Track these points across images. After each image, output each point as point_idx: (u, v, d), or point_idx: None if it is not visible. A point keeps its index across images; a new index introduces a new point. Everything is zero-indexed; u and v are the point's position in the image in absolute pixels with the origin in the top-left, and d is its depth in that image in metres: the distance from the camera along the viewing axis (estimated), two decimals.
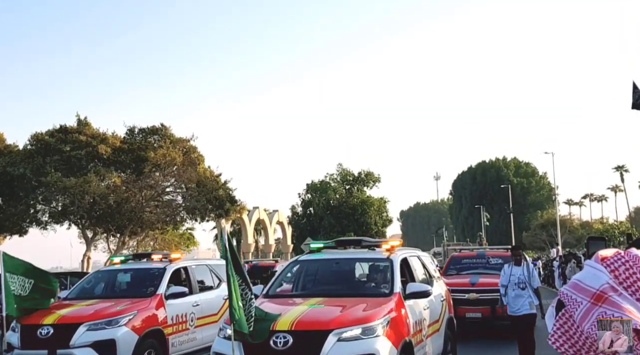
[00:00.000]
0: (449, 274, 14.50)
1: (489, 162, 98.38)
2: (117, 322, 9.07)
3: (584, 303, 2.64)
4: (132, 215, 27.56)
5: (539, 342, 12.77)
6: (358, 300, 7.09)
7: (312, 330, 6.41)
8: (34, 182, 26.26)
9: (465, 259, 15.32)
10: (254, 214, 46.40)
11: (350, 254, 8.52)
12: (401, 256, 8.12)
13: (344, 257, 8.47)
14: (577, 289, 2.75)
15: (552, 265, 33.33)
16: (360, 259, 8.55)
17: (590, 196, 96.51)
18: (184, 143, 29.98)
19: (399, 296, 7.23)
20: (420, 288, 7.54)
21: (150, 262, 11.50)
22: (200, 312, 10.86)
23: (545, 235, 66.21)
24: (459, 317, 12.25)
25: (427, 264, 9.35)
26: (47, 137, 27.84)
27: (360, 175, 60.34)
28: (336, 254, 8.53)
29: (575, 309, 2.68)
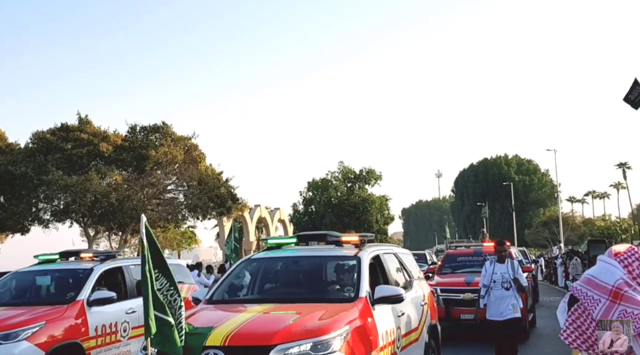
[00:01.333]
0: (444, 272, 13.72)
1: (490, 160, 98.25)
2: (16, 335, 7.35)
3: (602, 301, 2.60)
4: (134, 213, 27.55)
5: (539, 342, 12.78)
6: (315, 307, 5.88)
7: (250, 345, 5.19)
8: (35, 181, 26.27)
9: (460, 256, 14.32)
10: (255, 211, 46.36)
11: (312, 252, 7.27)
12: (371, 253, 6.93)
13: (303, 255, 7.24)
14: (592, 285, 2.70)
15: (554, 263, 33.29)
16: (323, 257, 7.17)
17: (592, 193, 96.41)
18: (185, 141, 29.98)
19: (366, 301, 6.06)
20: (392, 291, 6.28)
21: (79, 262, 9.68)
22: (138, 320, 8.71)
23: (548, 232, 66.14)
24: (454, 318, 11.68)
25: (406, 262, 8.22)
26: (48, 135, 27.85)
27: (361, 173, 60.34)
28: (297, 251, 7.30)
29: (594, 306, 2.64)
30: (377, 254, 7.12)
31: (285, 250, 7.36)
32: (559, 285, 29.03)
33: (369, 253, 6.86)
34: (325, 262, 7.19)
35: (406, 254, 8.69)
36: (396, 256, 7.93)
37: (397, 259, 7.88)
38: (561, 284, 28.04)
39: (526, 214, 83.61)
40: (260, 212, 47.80)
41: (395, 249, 8.48)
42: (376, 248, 7.35)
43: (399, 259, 7.96)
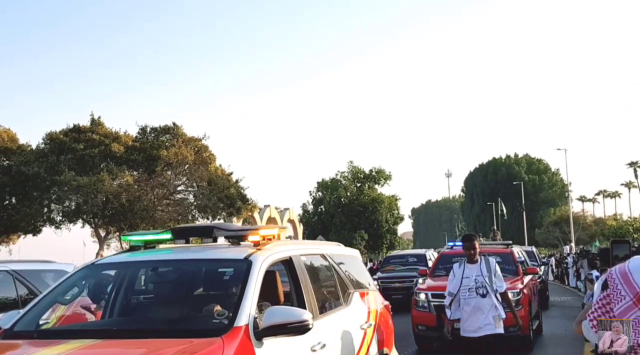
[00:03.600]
0: (437, 275, 12.33)
1: (500, 159, 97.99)
2: None
3: (627, 299, 2.56)
4: (145, 213, 27.71)
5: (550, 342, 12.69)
6: (158, 346, 3.73)
7: None
8: (47, 182, 26.46)
9: (456, 257, 12.43)
10: (265, 212, 46.50)
11: (185, 254, 4.99)
12: (274, 256, 4.66)
13: (168, 259, 5.04)
14: (625, 279, 2.65)
15: (565, 263, 33.15)
16: (197, 262, 4.91)
17: (603, 192, 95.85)
18: (195, 142, 30.13)
19: (245, 335, 3.83)
20: (289, 316, 3.96)
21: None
22: None
23: (559, 232, 65.83)
24: None
25: (345, 268, 6.07)
26: (61, 136, 28.07)
27: (371, 173, 60.36)
28: (165, 253, 5.11)
29: (618, 301, 2.61)
30: (288, 257, 4.86)
31: (155, 251, 5.09)
32: (570, 286, 28.90)
33: (268, 256, 4.55)
34: (199, 269, 4.98)
35: (348, 256, 6.56)
36: (326, 259, 5.72)
37: (329, 264, 5.71)
38: (572, 284, 27.90)
39: (536, 213, 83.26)
40: (270, 213, 47.93)
41: (327, 248, 6.12)
42: (287, 248, 5.07)
43: (332, 263, 5.73)
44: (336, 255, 6.11)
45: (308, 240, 7.39)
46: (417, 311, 11.16)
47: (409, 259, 22.04)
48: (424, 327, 11.05)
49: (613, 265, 6.36)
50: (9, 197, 28.06)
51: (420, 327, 11.10)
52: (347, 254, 6.66)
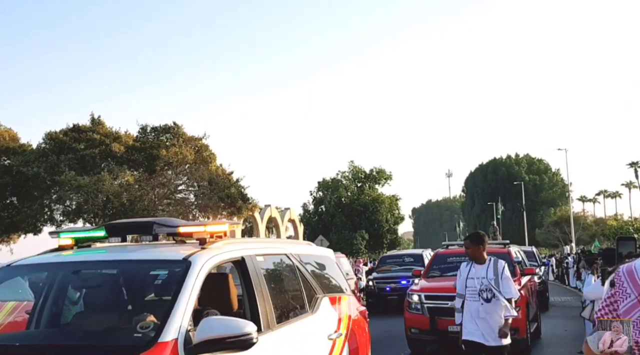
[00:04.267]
0: (431, 275, 11.95)
1: (500, 159, 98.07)
2: None
3: (632, 297, 2.56)
4: (145, 213, 27.70)
5: (551, 342, 12.69)
6: None
7: None
8: (48, 182, 26.48)
9: (451, 256, 12.23)
10: (265, 211, 46.47)
11: (117, 254, 4.29)
12: (221, 256, 4.02)
13: (95, 260, 4.31)
14: (632, 277, 2.66)
15: (566, 263, 33.15)
16: (128, 263, 4.15)
17: (604, 193, 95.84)
18: (195, 141, 30.14)
19: (172, 351, 3.26)
20: (226, 329, 3.34)
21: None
22: None
23: (559, 232, 65.85)
24: (440, 330, 10.08)
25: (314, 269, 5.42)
26: (61, 135, 28.09)
27: (371, 173, 60.38)
28: (97, 253, 4.39)
29: (623, 299, 2.61)
30: (239, 257, 4.19)
31: (85, 251, 4.40)
32: (570, 286, 28.90)
33: (213, 256, 3.91)
34: (130, 272, 4.23)
35: (319, 257, 5.94)
36: (290, 260, 5.04)
37: (293, 265, 5.02)
38: (573, 284, 27.91)
39: (537, 213, 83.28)
40: (270, 212, 47.91)
41: (292, 248, 5.41)
42: (239, 247, 4.41)
43: (296, 265, 5.05)
44: (304, 255, 5.42)
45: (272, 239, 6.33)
46: (410, 313, 10.74)
47: (405, 259, 21.68)
48: (417, 330, 10.62)
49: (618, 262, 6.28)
50: (10, 196, 28.09)
51: (413, 330, 10.69)
52: (318, 254, 6.00)
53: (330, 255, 6.37)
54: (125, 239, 4.48)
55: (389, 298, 18.57)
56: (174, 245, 4.43)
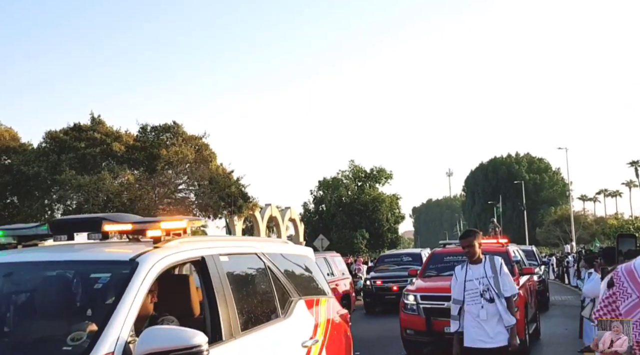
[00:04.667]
0: (428, 275, 11.64)
1: (501, 158, 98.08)
2: None
3: (633, 296, 2.55)
4: (146, 213, 27.71)
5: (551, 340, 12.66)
6: None
7: None
8: (48, 181, 26.47)
9: (448, 256, 11.92)
10: (266, 211, 46.46)
11: (59, 254, 3.83)
12: (176, 256, 3.62)
13: (29, 260, 3.84)
14: (631, 277, 2.65)
15: (566, 262, 33.15)
16: (67, 264, 3.72)
17: (604, 192, 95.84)
18: (196, 140, 30.11)
19: None
20: (170, 340, 3.01)
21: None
22: None
23: (559, 231, 65.86)
24: (436, 332, 9.89)
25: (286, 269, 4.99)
26: (61, 135, 28.07)
27: (372, 172, 60.37)
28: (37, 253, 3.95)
29: (624, 299, 2.60)
30: (199, 257, 3.81)
31: (27, 251, 4.03)
32: (571, 285, 28.91)
33: (166, 256, 3.52)
34: (68, 275, 3.76)
35: (296, 256, 5.52)
36: (261, 260, 4.64)
37: (264, 266, 4.64)
38: (573, 283, 27.92)
39: (537, 212, 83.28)
40: (271, 212, 47.90)
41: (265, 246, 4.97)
42: (200, 246, 3.98)
43: (268, 265, 4.68)
44: (278, 254, 5.04)
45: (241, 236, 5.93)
46: (406, 314, 10.49)
47: (403, 258, 21.54)
48: (412, 332, 10.38)
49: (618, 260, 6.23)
50: (10, 196, 28.09)
51: (409, 331, 10.43)
52: (295, 254, 5.54)
53: (309, 254, 5.86)
54: (72, 237, 4.02)
55: (386, 297, 18.51)
56: (125, 244, 3.96)
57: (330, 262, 15.61)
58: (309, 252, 5.96)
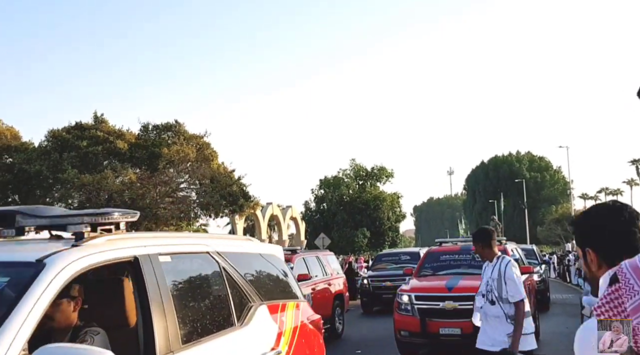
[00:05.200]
0: (423, 274, 11.18)
1: (502, 157, 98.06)
2: None
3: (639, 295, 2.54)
4: (147, 211, 27.73)
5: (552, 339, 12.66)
6: None
7: None
8: (50, 180, 26.48)
9: (444, 254, 11.54)
10: (267, 209, 46.51)
11: None
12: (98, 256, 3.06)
13: None
14: (637, 273, 2.61)
15: (567, 260, 33.16)
16: None
17: (605, 190, 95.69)
18: (197, 139, 30.13)
19: None
20: None
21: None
22: None
23: (561, 229, 65.81)
24: (431, 333, 9.61)
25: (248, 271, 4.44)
26: (64, 133, 28.09)
27: (373, 171, 60.40)
28: None
29: (630, 296, 2.56)
30: (131, 257, 3.27)
31: None
32: (572, 283, 28.92)
33: (83, 256, 2.98)
34: None
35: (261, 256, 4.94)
36: (215, 260, 4.03)
37: (218, 267, 4.03)
38: (574, 281, 27.93)
39: (538, 211, 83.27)
40: (272, 210, 47.94)
41: (220, 244, 4.29)
42: (133, 244, 3.40)
43: (223, 266, 4.06)
44: (237, 254, 4.40)
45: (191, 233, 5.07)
46: (400, 315, 10.07)
47: (401, 257, 21.33)
48: (407, 333, 9.94)
49: None
50: (12, 194, 28.10)
51: (403, 332, 10.00)
52: (259, 252, 4.94)
53: (277, 253, 5.27)
54: None
55: (384, 296, 18.40)
56: (40, 242, 3.38)
57: (323, 261, 15.02)
58: (277, 251, 5.36)
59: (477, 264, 10.12)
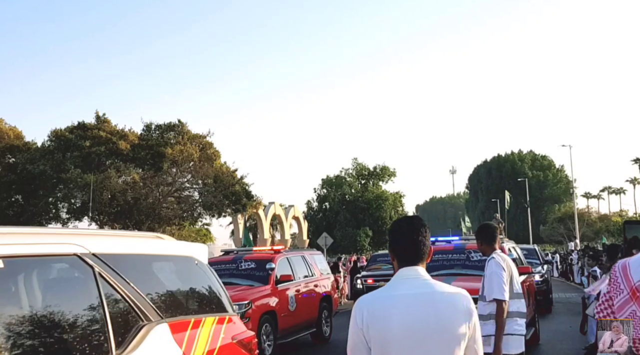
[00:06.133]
0: None
1: (504, 156, 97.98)
2: None
3: (624, 293, 2.57)
4: (150, 211, 27.79)
5: (556, 338, 12.66)
6: None
7: None
8: (53, 180, 26.52)
9: (436, 254, 10.33)
10: (269, 209, 46.52)
11: None
12: None
13: None
14: (624, 273, 2.67)
15: (570, 259, 33.14)
16: None
17: (608, 189, 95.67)
18: (200, 139, 30.18)
19: None
20: None
21: None
22: None
23: (563, 228, 65.74)
24: None
25: (130, 277, 3.29)
26: (66, 133, 28.14)
27: (375, 170, 60.44)
28: None
29: (617, 294, 2.63)
30: None
31: None
32: (575, 282, 28.90)
33: None
34: None
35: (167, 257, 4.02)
36: (88, 263, 3.09)
37: (90, 273, 3.08)
38: (577, 280, 27.92)
39: (541, 209, 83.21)
40: (274, 210, 47.96)
41: (94, 242, 3.22)
42: None
43: (99, 271, 3.10)
44: (127, 257, 3.42)
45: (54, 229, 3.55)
46: None
47: None
48: None
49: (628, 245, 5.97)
50: (15, 194, 28.17)
51: None
52: (164, 254, 3.92)
53: (195, 254, 4.17)
54: None
55: None
56: None
57: (309, 261, 13.77)
58: (197, 252, 4.22)
59: (472, 264, 9.88)
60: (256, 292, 11.00)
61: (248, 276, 11.70)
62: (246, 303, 9.95)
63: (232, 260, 12.34)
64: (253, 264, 12.02)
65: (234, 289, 10.56)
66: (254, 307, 10.34)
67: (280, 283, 11.68)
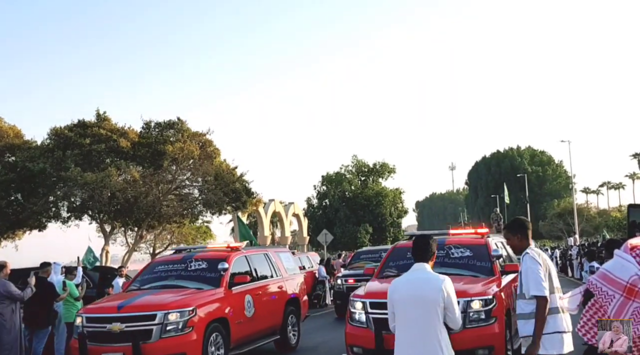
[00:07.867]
0: (386, 274, 9.23)
1: (503, 152, 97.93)
2: None
3: (616, 297, 2.57)
4: (150, 209, 27.79)
5: None
6: None
7: None
8: (53, 178, 26.50)
9: None
10: (270, 206, 46.57)
11: None
12: None
13: None
14: (607, 280, 2.67)
15: (570, 255, 33.21)
16: None
17: (607, 184, 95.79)
18: (200, 137, 30.16)
19: None
20: None
21: None
22: None
23: (563, 224, 65.80)
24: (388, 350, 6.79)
25: None
26: (66, 131, 28.10)
27: (375, 167, 60.42)
28: None
29: (608, 302, 2.61)
30: None
31: None
32: (574, 277, 28.99)
33: None
34: None
35: None
36: None
37: None
38: (577, 275, 28.00)
39: (540, 205, 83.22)
40: (274, 207, 48.00)
41: None
42: None
43: None
44: None
45: None
46: (352, 327, 8.19)
47: (382, 254, 17.75)
48: (360, 349, 8.03)
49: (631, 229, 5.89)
50: (15, 193, 28.13)
51: (356, 349, 8.09)
52: None
53: None
54: None
55: None
56: None
57: (273, 259, 12.27)
58: None
59: (452, 262, 8.85)
60: (204, 296, 9.59)
61: (197, 278, 10.24)
62: (189, 310, 8.95)
63: (181, 259, 10.88)
64: (204, 263, 10.52)
65: (177, 293, 9.56)
66: (199, 315, 9.09)
67: (234, 285, 10.19)
